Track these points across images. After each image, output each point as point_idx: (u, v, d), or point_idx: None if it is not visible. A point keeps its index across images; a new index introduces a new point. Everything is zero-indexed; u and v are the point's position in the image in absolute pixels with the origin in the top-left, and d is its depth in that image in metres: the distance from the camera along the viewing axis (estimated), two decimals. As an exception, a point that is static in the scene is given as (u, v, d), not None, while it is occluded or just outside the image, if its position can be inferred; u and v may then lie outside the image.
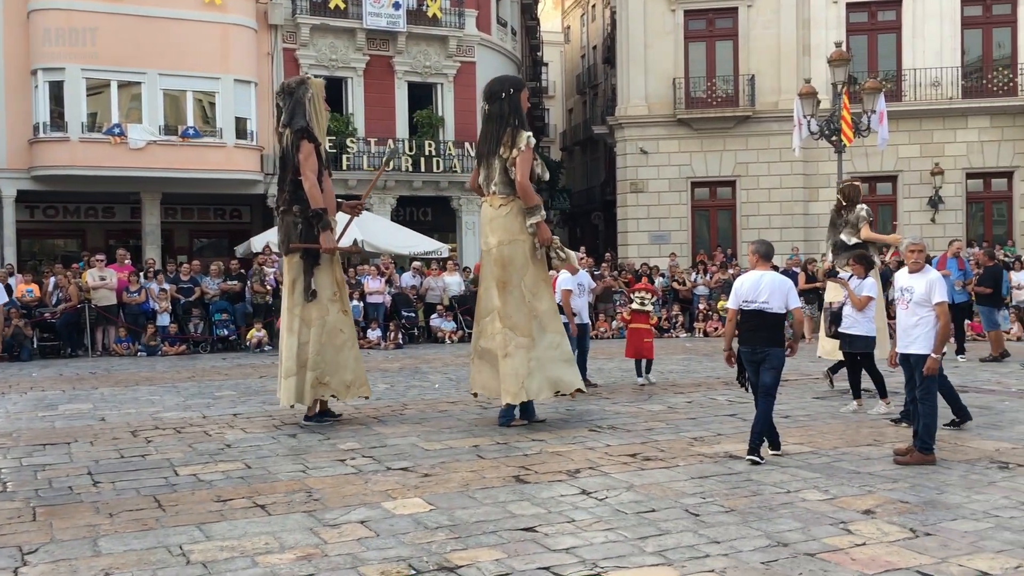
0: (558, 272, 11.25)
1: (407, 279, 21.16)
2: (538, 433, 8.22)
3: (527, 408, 8.66)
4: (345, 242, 9.27)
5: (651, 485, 6.15)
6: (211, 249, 27.61)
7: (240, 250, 23.39)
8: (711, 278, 22.15)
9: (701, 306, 21.54)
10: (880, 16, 28.52)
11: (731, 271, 22.19)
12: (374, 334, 18.98)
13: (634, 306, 11.86)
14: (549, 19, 52.63)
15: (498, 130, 8.54)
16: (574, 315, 11.25)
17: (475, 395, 9.06)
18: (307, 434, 8.37)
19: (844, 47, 20.95)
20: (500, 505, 5.68)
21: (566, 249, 9.11)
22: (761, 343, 6.88)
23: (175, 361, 16.63)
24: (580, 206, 47.52)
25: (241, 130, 24.80)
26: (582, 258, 13.90)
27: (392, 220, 25.98)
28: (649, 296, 12.07)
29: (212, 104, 24.62)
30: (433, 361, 15.77)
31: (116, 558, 4.76)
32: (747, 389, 7.31)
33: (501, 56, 30.29)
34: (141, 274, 18.95)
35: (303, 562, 4.64)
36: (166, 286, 18.73)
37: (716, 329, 20.52)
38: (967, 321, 16.23)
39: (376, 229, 22.35)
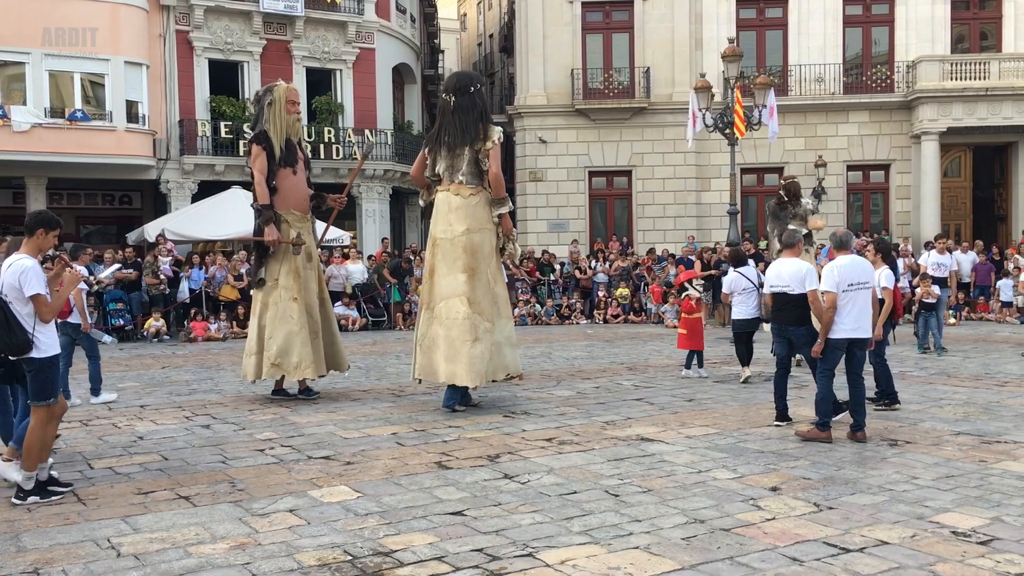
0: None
1: (308, 267, 20.91)
2: (454, 420, 8.38)
3: (466, 392, 8.99)
4: (329, 236, 10.25)
5: (570, 468, 6.38)
6: (99, 236, 26.62)
7: (132, 237, 22.73)
8: (610, 266, 22.64)
9: (601, 293, 21.98)
10: (768, 12, 29.52)
11: (629, 259, 22.75)
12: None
13: (692, 293, 11.52)
14: (446, 6, 52.41)
15: (466, 121, 8.91)
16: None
17: (419, 381, 9.24)
18: (221, 424, 8.32)
19: (735, 42, 21.59)
20: (426, 491, 5.81)
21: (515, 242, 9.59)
22: (785, 322, 7.80)
23: (67, 352, 16.07)
24: (477, 194, 47.56)
25: (132, 114, 23.91)
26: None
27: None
28: (701, 283, 12.02)
29: (101, 86, 23.74)
30: (338, 350, 15.66)
31: (43, 553, 4.71)
32: (774, 354, 8.10)
33: (400, 43, 30.12)
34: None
35: (237, 551, 4.68)
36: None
37: (617, 316, 20.99)
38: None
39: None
